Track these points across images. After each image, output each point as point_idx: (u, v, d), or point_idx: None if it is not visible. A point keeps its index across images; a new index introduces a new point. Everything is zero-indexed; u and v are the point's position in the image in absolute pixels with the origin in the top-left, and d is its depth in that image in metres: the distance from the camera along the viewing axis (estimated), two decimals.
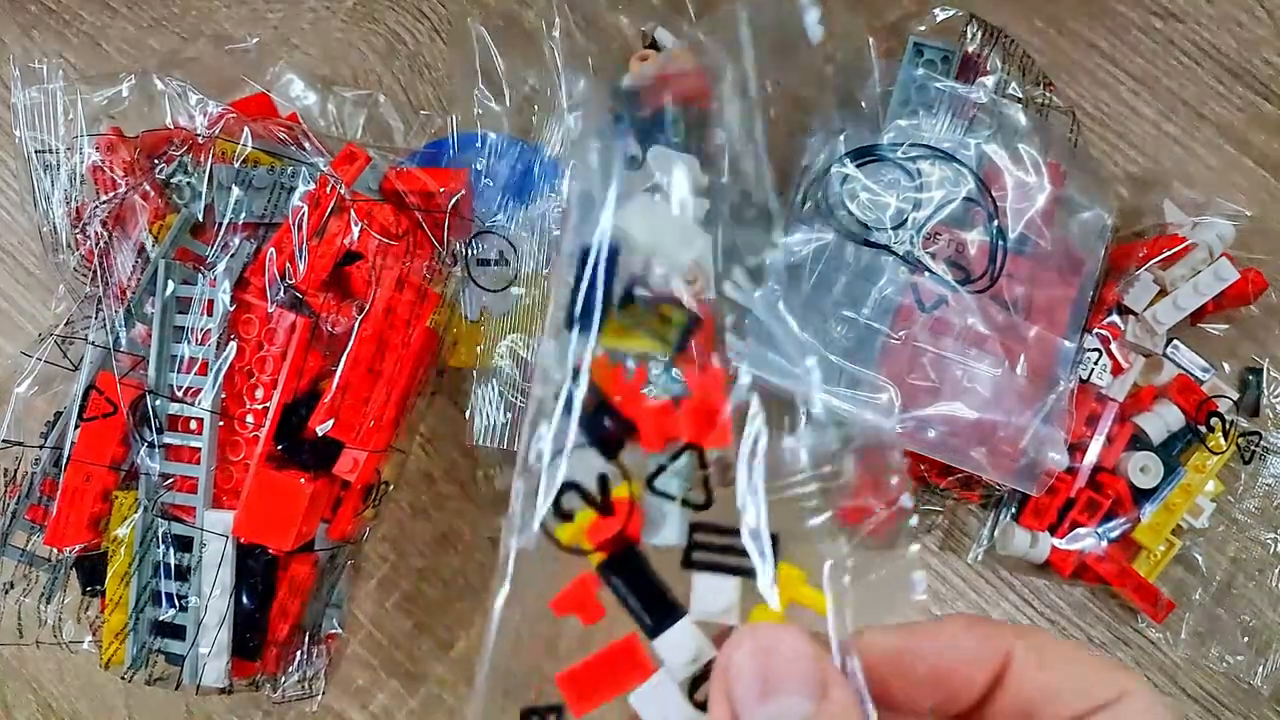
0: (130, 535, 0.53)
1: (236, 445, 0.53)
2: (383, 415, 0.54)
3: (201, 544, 0.52)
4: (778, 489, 0.34)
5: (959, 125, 0.60)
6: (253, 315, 0.53)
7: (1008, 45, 0.62)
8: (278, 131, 0.56)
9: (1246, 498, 0.62)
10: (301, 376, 0.53)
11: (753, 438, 0.34)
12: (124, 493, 0.53)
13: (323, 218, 0.53)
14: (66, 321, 0.56)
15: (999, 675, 0.29)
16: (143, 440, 0.52)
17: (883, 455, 0.37)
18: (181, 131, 0.55)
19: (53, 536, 0.53)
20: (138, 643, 0.53)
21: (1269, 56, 0.68)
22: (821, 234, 0.58)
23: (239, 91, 0.62)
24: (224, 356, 0.52)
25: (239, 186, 0.53)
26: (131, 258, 0.53)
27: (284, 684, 0.58)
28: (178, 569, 0.52)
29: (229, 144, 0.54)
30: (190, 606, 0.52)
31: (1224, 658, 0.62)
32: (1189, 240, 0.60)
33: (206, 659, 0.52)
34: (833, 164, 0.59)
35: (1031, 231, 0.59)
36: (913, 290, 0.58)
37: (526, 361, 0.58)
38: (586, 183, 0.37)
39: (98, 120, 0.56)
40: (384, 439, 0.55)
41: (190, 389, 0.52)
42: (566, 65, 0.60)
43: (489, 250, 0.59)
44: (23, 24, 0.69)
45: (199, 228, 0.54)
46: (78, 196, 0.55)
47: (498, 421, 0.58)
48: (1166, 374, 0.61)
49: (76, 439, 0.53)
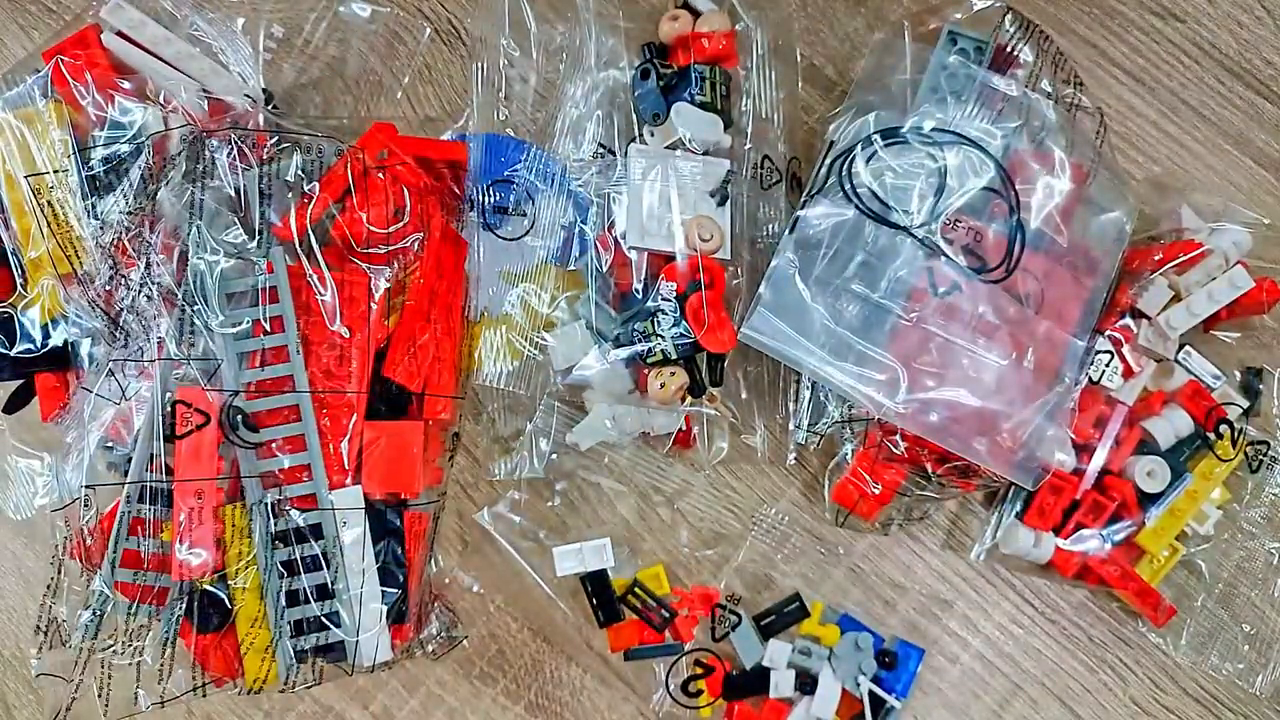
0: (249, 545, 0.52)
1: (335, 418, 0.53)
2: (444, 359, 0.56)
3: (339, 523, 0.52)
4: None
5: (986, 116, 0.60)
6: (320, 288, 0.53)
7: (1041, 40, 0.62)
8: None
9: (1252, 506, 0.62)
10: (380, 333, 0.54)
11: None
12: (230, 506, 0.52)
13: (346, 186, 0.54)
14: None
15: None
16: (244, 443, 0.52)
17: None
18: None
19: (180, 566, 0.51)
20: (288, 651, 0.52)
21: (1269, 56, 0.68)
22: (841, 210, 0.58)
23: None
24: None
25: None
26: (172, 265, 0.53)
27: (432, 640, 0.59)
28: (314, 560, 0.52)
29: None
30: (338, 591, 0.52)
31: (1224, 665, 0.61)
32: (1205, 246, 0.60)
33: (370, 637, 0.52)
34: (859, 141, 0.59)
35: (1049, 228, 0.59)
36: (928, 274, 0.57)
37: (537, 311, 0.58)
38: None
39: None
40: (451, 382, 0.56)
41: (273, 379, 0.52)
42: (598, 18, 0.60)
43: (505, 200, 0.59)
44: (23, 24, 0.69)
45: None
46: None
47: (505, 368, 0.58)
48: (1177, 379, 0.61)
49: (176, 460, 0.51)
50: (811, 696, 0.58)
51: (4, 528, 0.63)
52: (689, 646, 0.60)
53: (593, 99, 0.60)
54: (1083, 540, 0.60)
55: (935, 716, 0.62)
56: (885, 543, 0.63)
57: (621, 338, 0.57)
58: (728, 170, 0.59)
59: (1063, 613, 0.63)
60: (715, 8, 0.60)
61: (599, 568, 0.59)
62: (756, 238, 0.62)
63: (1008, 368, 0.57)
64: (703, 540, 0.62)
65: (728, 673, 0.60)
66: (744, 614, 0.60)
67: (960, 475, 0.59)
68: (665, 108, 0.58)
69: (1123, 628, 0.63)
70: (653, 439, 0.62)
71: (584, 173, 0.59)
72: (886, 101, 0.60)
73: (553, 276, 0.59)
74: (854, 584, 0.63)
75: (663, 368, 0.56)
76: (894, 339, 0.57)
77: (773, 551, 0.62)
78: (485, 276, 0.59)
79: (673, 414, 0.59)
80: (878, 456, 0.59)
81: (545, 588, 0.60)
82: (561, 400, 0.60)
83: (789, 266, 0.57)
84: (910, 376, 0.56)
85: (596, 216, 0.59)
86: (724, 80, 0.59)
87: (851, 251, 0.58)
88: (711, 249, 0.57)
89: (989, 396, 0.57)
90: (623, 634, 0.59)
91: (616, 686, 0.61)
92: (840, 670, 0.58)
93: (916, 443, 0.58)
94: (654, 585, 0.60)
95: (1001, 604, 0.63)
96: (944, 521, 0.64)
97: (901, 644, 0.60)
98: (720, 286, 0.57)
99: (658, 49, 0.61)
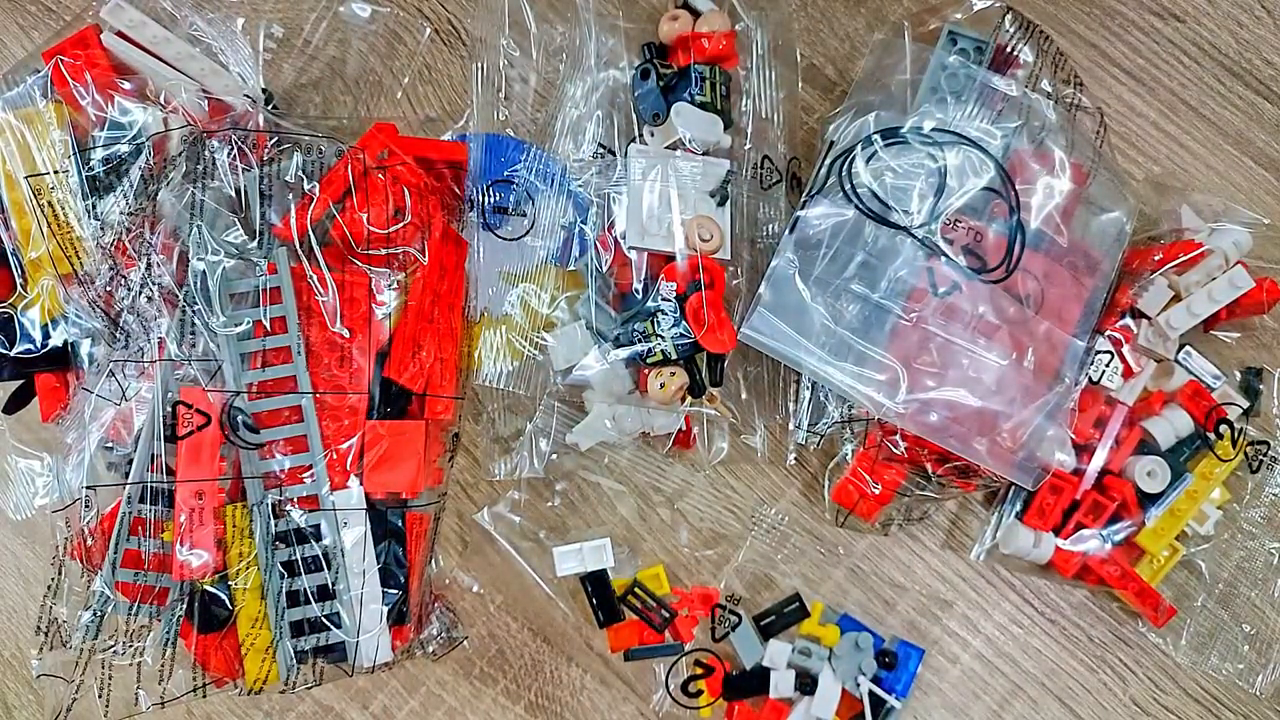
0: (250, 546, 0.52)
1: (336, 418, 0.53)
2: (445, 359, 0.56)
3: (340, 524, 0.52)
4: None
5: (986, 116, 0.60)
6: (320, 289, 0.53)
7: (1041, 40, 0.62)
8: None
9: (1252, 506, 0.62)
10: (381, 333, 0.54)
11: None
12: (231, 506, 0.52)
13: (347, 186, 0.54)
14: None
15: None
16: (246, 444, 0.52)
17: None
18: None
19: (181, 567, 0.51)
20: (288, 652, 0.52)
21: (1269, 56, 0.68)
22: (841, 210, 0.58)
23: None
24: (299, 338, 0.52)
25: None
26: (172, 266, 0.53)
27: (432, 640, 0.59)
28: (315, 561, 0.52)
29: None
30: (339, 591, 0.52)
31: (1224, 665, 0.61)
32: (1205, 246, 0.60)
33: (370, 638, 0.52)
34: (859, 141, 0.58)
35: (1049, 228, 0.59)
36: (928, 274, 0.57)
37: (537, 311, 0.58)
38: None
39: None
40: (451, 383, 0.56)
41: (274, 380, 0.52)
42: (598, 18, 0.60)
43: (505, 200, 0.59)
44: (23, 24, 0.69)
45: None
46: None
47: (505, 368, 0.58)
48: (1177, 379, 0.61)
49: (177, 460, 0.51)
50: (811, 696, 0.58)
51: (4, 528, 0.63)
52: (689, 646, 0.60)
53: (593, 99, 0.60)
54: (1083, 540, 0.60)
55: (935, 716, 0.62)
56: (885, 543, 0.63)
57: (621, 338, 0.56)
58: (728, 170, 0.59)
59: (1063, 613, 0.63)
60: (715, 8, 0.60)
61: (599, 568, 0.59)
62: (756, 238, 0.62)
63: (1008, 368, 0.57)
64: (703, 540, 0.62)
65: (728, 673, 0.60)
66: (744, 614, 0.60)
67: (960, 475, 0.59)
68: (665, 108, 0.58)
69: (1123, 628, 0.63)
70: (653, 439, 0.62)
71: (584, 173, 0.59)
72: (886, 101, 0.60)
73: (553, 276, 0.59)
74: (854, 584, 0.63)
75: (663, 368, 0.56)
76: (894, 339, 0.57)
77: (773, 551, 0.62)
78: (485, 276, 0.59)
79: (673, 414, 0.59)
80: (878, 456, 0.59)
81: (545, 588, 0.60)
82: (561, 400, 0.60)
83: (789, 266, 0.57)
84: (910, 376, 0.56)
85: (596, 216, 0.59)
86: (724, 80, 0.59)
87: (851, 251, 0.58)
88: (711, 249, 0.57)
89: (989, 396, 0.57)
90: (623, 634, 0.59)
91: (616, 686, 0.61)
92: (840, 670, 0.58)
93: (916, 443, 0.58)
94: (654, 585, 0.60)
95: (1001, 604, 0.63)
96: (944, 521, 0.64)
97: (901, 644, 0.60)
98: (720, 286, 0.57)
99: (658, 49, 0.61)
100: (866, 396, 0.56)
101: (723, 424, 0.61)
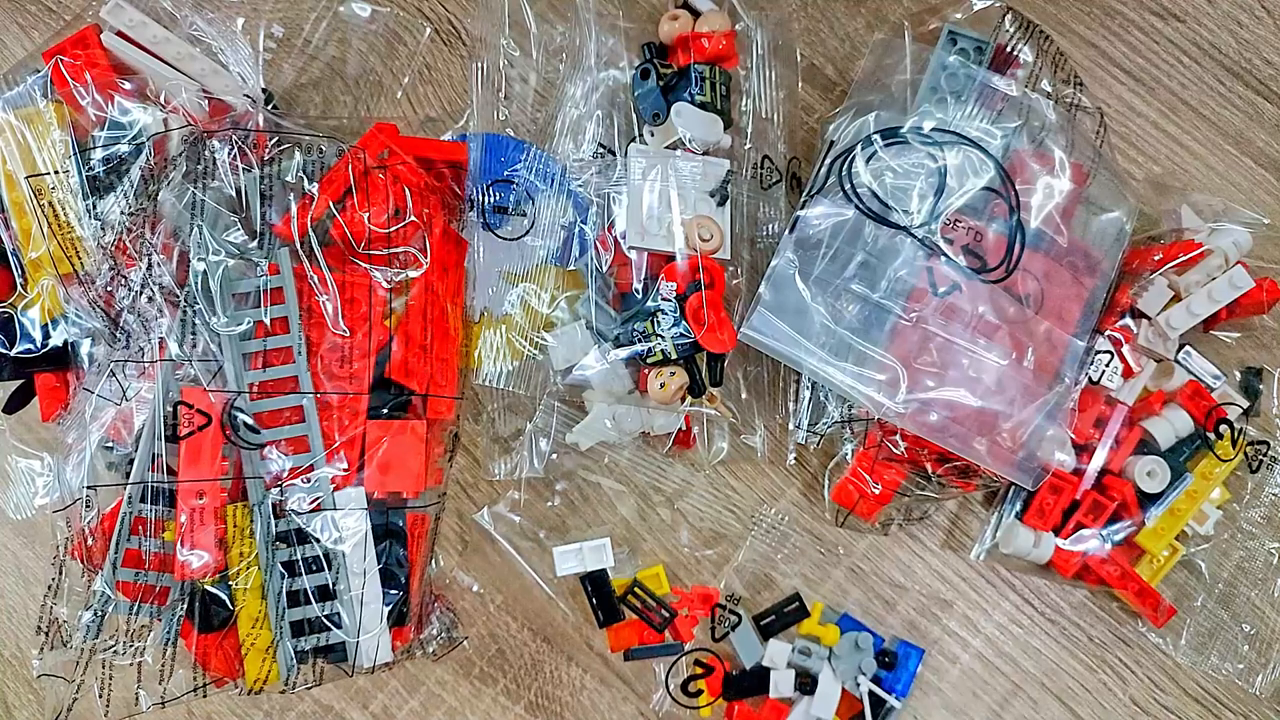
0: (250, 546, 0.52)
1: (336, 417, 0.53)
2: (445, 359, 0.55)
3: (340, 525, 0.52)
4: None
5: (986, 116, 0.60)
6: (321, 289, 0.53)
7: (1041, 40, 0.62)
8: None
9: (1252, 506, 0.62)
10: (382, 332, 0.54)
11: None
12: (231, 506, 0.52)
13: (347, 186, 0.54)
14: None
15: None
16: (247, 444, 0.52)
17: None
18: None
19: (182, 566, 0.51)
20: (289, 652, 0.52)
21: (1269, 56, 0.68)
22: (841, 210, 0.58)
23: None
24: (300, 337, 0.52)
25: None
26: (172, 266, 0.53)
27: (433, 641, 0.59)
28: (315, 561, 0.52)
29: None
30: (339, 592, 0.52)
31: (1224, 665, 0.61)
32: (1205, 246, 0.60)
33: (370, 638, 0.52)
34: (859, 141, 0.58)
35: (1049, 228, 0.59)
36: (928, 274, 0.57)
37: (537, 311, 0.58)
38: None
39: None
40: (451, 383, 0.56)
41: (275, 380, 0.52)
42: (598, 18, 0.60)
43: (505, 200, 0.59)
44: (23, 24, 0.69)
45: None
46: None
47: (505, 368, 0.58)
48: (1177, 379, 0.61)
49: (179, 460, 0.51)
50: (811, 696, 0.58)
51: (4, 528, 0.63)
52: (689, 646, 0.60)
53: (593, 99, 0.60)
54: (1083, 540, 0.60)
55: (935, 716, 0.62)
56: (885, 543, 0.63)
57: (621, 338, 0.57)
58: (728, 170, 0.59)
59: (1063, 613, 0.63)
60: (715, 8, 0.60)
61: (599, 568, 0.59)
62: (756, 238, 0.62)
63: (1008, 368, 0.57)
64: (703, 540, 0.62)
65: (728, 673, 0.60)
66: (744, 614, 0.60)
67: (960, 475, 0.59)
68: (665, 108, 0.58)
69: (1123, 628, 0.63)
70: (653, 439, 0.62)
71: (584, 173, 0.59)
72: (886, 101, 0.60)
73: (553, 276, 0.59)
74: (854, 584, 0.63)
75: (663, 368, 0.56)
76: (894, 339, 0.57)
77: (773, 551, 0.62)
78: (485, 276, 0.59)
79: (673, 414, 0.59)
80: (878, 456, 0.59)
81: (545, 588, 0.60)
82: (561, 400, 0.60)
83: (789, 266, 0.57)
84: (910, 376, 0.56)
85: (596, 216, 0.59)
86: (724, 80, 0.59)
87: (851, 251, 0.58)
88: (711, 249, 0.57)
89: (989, 396, 0.57)
90: (623, 634, 0.59)
91: (616, 686, 0.61)
92: (840, 670, 0.58)
93: (916, 443, 0.58)
94: (654, 585, 0.60)
95: (1001, 604, 0.63)
96: (944, 521, 0.64)
97: (901, 644, 0.60)
98: (720, 286, 0.57)
99: (658, 49, 0.61)
100: (866, 396, 0.56)
101: (723, 424, 0.61)
